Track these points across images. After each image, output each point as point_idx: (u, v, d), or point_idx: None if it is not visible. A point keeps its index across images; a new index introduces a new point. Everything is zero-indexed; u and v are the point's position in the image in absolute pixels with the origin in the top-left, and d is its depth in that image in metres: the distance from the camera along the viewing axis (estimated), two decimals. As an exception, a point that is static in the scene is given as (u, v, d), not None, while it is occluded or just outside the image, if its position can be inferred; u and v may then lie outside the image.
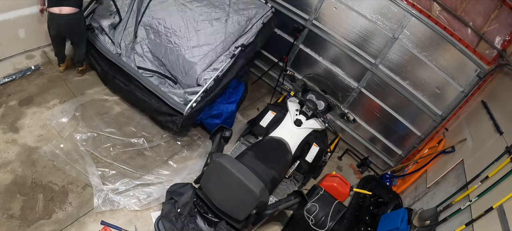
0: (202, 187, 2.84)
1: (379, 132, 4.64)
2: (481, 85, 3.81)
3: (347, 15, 4.21)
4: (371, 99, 4.46)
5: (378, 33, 4.10)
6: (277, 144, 3.43)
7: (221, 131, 3.11)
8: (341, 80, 4.57)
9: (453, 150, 3.60)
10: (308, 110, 3.73)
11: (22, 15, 3.65)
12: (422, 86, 4.10)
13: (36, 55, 4.03)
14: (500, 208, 2.38)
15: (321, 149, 3.65)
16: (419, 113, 4.26)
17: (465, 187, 2.95)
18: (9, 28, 3.63)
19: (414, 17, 3.82)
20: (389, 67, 4.19)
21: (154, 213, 3.07)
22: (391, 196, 3.68)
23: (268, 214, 2.79)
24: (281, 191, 3.62)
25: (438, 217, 2.95)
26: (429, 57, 3.94)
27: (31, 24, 3.78)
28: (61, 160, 3.14)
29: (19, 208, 2.74)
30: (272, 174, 3.06)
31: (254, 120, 3.84)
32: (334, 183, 3.68)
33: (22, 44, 3.87)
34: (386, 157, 4.74)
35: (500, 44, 3.66)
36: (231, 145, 3.87)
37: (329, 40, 4.44)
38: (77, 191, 3.01)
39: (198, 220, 2.81)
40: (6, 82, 3.59)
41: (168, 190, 2.93)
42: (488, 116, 3.37)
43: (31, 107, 3.48)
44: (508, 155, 2.74)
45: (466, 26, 3.72)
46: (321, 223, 3.12)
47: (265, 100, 4.99)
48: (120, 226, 2.86)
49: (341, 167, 4.60)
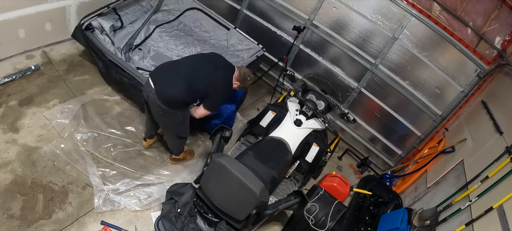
0: (202, 187, 2.84)
1: (379, 132, 4.64)
2: (481, 85, 3.82)
3: (347, 15, 4.22)
4: (371, 99, 4.46)
5: (378, 33, 4.11)
6: (277, 144, 3.43)
7: (221, 131, 3.11)
8: (341, 80, 4.57)
9: (453, 150, 3.60)
10: (308, 110, 3.73)
11: (22, 15, 3.64)
12: (422, 86, 4.10)
13: (36, 55, 4.03)
14: (500, 208, 2.38)
15: (321, 149, 3.65)
16: (419, 113, 4.26)
17: (465, 187, 2.95)
18: (9, 28, 3.63)
19: (414, 17, 3.82)
20: (389, 67, 4.19)
21: (154, 213, 3.07)
22: (391, 196, 3.68)
23: (268, 214, 2.79)
24: (281, 191, 3.62)
25: (438, 217, 2.95)
26: (429, 57, 3.94)
27: (31, 24, 3.78)
28: (62, 160, 3.14)
29: (19, 208, 2.74)
30: (272, 174, 3.06)
31: (254, 120, 3.84)
32: (334, 183, 3.68)
33: (22, 44, 3.87)
34: (386, 157, 4.75)
35: (500, 44, 3.66)
36: (231, 145, 3.88)
37: (329, 40, 4.44)
38: (77, 191, 3.01)
39: (198, 220, 2.81)
40: (6, 82, 3.59)
41: (168, 190, 2.93)
42: (488, 116, 3.37)
43: (31, 107, 3.48)
44: (508, 155, 2.74)
45: (466, 26, 3.72)
46: (321, 223, 3.12)
47: (265, 100, 4.99)
48: (120, 226, 2.86)
49: (341, 167, 4.59)
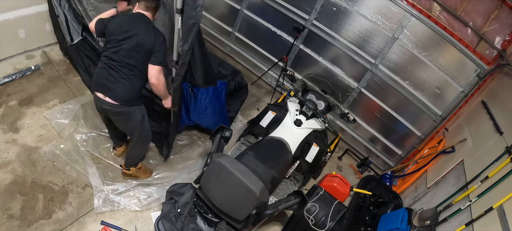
0: (202, 187, 2.84)
1: (379, 132, 4.64)
2: (481, 85, 3.81)
3: (347, 15, 4.22)
4: (371, 100, 4.46)
5: (378, 33, 4.11)
6: (277, 144, 3.43)
7: (221, 131, 3.11)
8: (341, 80, 4.57)
9: (453, 150, 3.60)
10: (308, 110, 3.73)
11: (22, 15, 3.65)
12: (422, 86, 4.10)
13: (36, 55, 4.03)
14: (500, 208, 2.38)
15: (321, 149, 3.65)
16: (419, 114, 4.26)
17: (465, 187, 2.95)
18: (9, 28, 3.63)
19: (414, 17, 3.82)
20: (389, 67, 4.19)
21: (154, 213, 3.07)
22: (391, 196, 3.67)
23: (268, 214, 2.79)
24: (281, 191, 3.62)
25: (438, 217, 2.95)
26: (429, 57, 3.94)
27: (31, 24, 3.78)
28: (61, 160, 3.14)
29: (19, 208, 2.74)
30: (272, 174, 3.06)
31: (254, 120, 3.84)
32: (334, 183, 3.68)
33: (22, 44, 3.87)
34: (386, 157, 4.74)
35: (500, 44, 3.66)
36: (231, 145, 3.88)
37: (329, 40, 4.44)
38: (77, 191, 3.01)
39: (198, 220, 2.81)
40: (6, 82, 3.59)
41: (168, 190, 2.93)
42: (488, 116, 3.36)
43: (31, 108, 3.48)
44: (508, 155, 2.74)
45: (466, 26, 3.72)
46: (321, 223, 3.12)
47: (265, 100, 4.99)
48: (120, 226, 2.86)
49: (341, 167, 4.59)
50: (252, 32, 5.17)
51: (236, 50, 5.48)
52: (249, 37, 5.24)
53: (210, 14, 5.46)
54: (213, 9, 5.41)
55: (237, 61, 5.53)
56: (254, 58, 5.35)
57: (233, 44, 5.47)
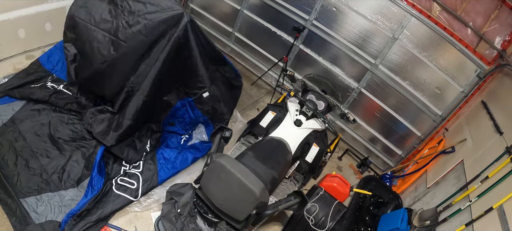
0: (202, 187, 2.84)
1: (379, 132, 4.64)
2: (481, 85, 3.82)
3: (347, 15, 4.22)
4: (371, 100, 4.46)
5: (378, 33, 4.11)
6: (277, 144, 3.43)
7: (221, 131, 3.11)
8: (341, 80, 4.57)
9: (453, 150, 3.60)
10: (308, 110, 3.73)
11: (22, 15, 3.64)
12: (422, 86, 4.10)
13: (36, 55, 4.02)
14: (500, 208, 2.38)
15: (321, 149, 3.65)
16: (419, 114, 4.26)
17: (465, 187, 2.95)
18: (9, 28, 3.63)
19: (414, 18, 3.82)
20: (389, 68, 4.19)
21: (154, 213, 3.07)
22: (391, 196, 3.68)
23: (268, 214, 2.79)
24: (281, 191, 3.62)
25: (438, 217, 2.95)
26: (429, 57, 3.94)
27: (31, 24, 3.78)
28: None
29: (19, 208, 2.73)
30: (272, 174, 3.05)
31: (254, 120, 3.84)
32: (334, 183, 3.68)
33: (22, 44, 3.87)
34: (386, 157, 4.75)
35: (500, 44, 3.66)
36: (231, 145, 3.87)
37: (329, 41, 4.44)
38: (77, 191, 3.00)
39: (198, 220, 2.81)
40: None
41: (168, 190, 2.93)
42: (488, 116, 3.37)
43: (31, 108, 3.47)
44: (508, 155, 2.74)
45: (466, 26, 3.72)
46: (321, 223, 3.12)
47: (265, 100, 4.99)
48: (120, 226, 2.85)
49: (341, 167, 4.59)
50: (252, 33, 5.17)
51: (236, 50, 5.48)
52: (249, 37, 5.24)
53: (210, 14, 5.46)
54: (213, 9, 5.41)
55: (237, 62, 5.54)
56: (254, 58, 5.35)
57: (233, 45, 5.47)
